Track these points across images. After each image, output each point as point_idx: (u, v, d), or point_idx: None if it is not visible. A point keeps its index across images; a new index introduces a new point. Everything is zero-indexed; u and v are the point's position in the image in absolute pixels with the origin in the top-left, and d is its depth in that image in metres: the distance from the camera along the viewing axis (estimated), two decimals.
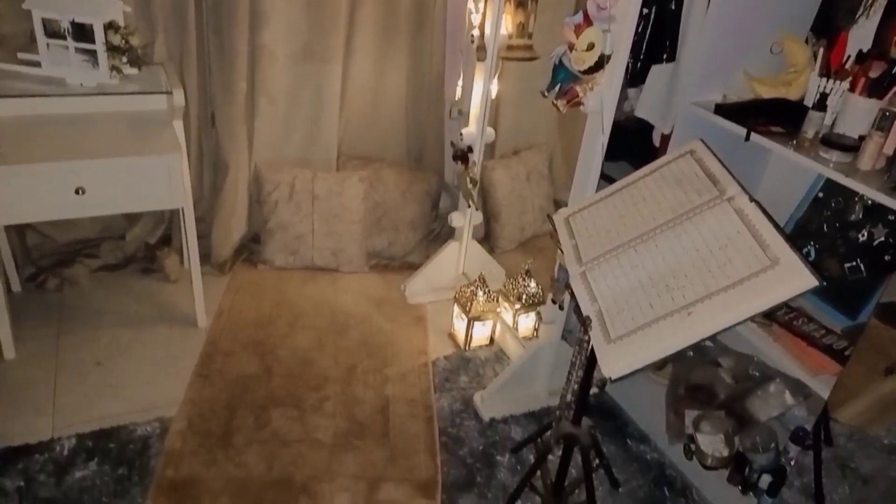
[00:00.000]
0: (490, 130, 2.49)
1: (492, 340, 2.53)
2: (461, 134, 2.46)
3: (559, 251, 1.95)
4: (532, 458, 2.04)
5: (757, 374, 2.04)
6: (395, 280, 2.84)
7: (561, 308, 2.07)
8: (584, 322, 1.39)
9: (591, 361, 1.55)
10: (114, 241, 2.71)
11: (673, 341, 1.25)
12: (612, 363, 1.28)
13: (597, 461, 1.91)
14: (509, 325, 2.50)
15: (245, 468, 1.92)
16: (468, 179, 2.50)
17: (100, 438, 1.96)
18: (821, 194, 1.93)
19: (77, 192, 2.01)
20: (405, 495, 1.89)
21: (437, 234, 3.15)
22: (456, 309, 2.52)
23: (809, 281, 1.15)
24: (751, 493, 1.84)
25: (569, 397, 1.70)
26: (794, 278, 1.18)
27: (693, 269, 1.33)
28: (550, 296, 2.12)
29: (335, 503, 1.84)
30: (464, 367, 2.41)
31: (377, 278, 2.89)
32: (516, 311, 2.49)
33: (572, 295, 1.49)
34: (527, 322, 2.53)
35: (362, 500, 1.86)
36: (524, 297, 2.47)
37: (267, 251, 2.82)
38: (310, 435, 2.06)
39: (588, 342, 1.46)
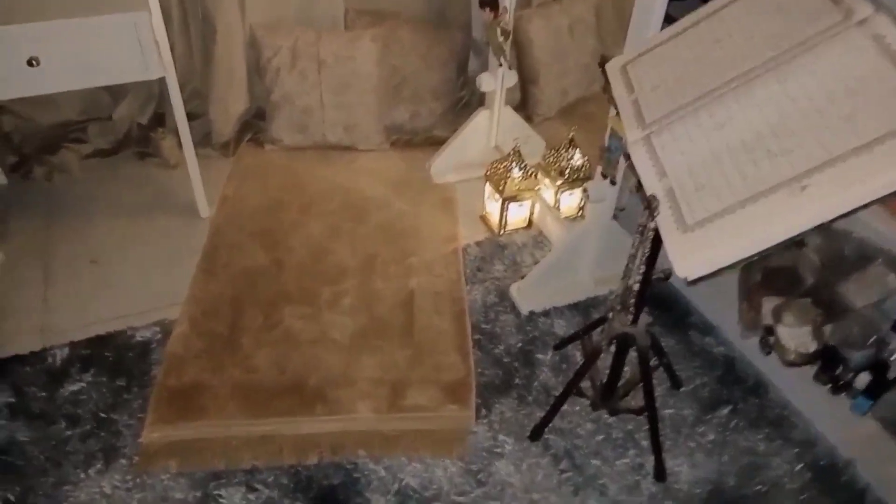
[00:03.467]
0: None
1: (530, 223, 2.21)
2: None
3: (612, 111, 1.57)
4: (578, 356, 1.79)
5: (853, 253, 1.69)
6: (419, 158, 2.51)
7: (613, 183, 1.72)
8: (649, 203, 1.05)
9: (654, 251, 1.23)
10: (101, 123, 2.42)
11: (777, 228, 0.91)
12: (689, 259, 0.95)
13: (655, 360, 1.64)
14: (550, 205, 2.17)
15: (254, 373, 1.72)
16: (498, 30, 2.07)
17: (95, 346, 1.77)
18: None
19: (30, 63, 1.69)
20: (433, 400, 1.67)
21: (466, 103, 2.75)
22: (488, 188, 2.19)
23: None
24: (843, 394, 1.56)
25: (627, 297, 1.39)
26: None
27: (806, 125, 0.96)
28: (599, 169, 1.76)
29: (355, 410, 1.64)
30: (498, 253, 2.12)
31: (398, 156, 2.55)
32: (558, 188, 2.14)
33: (631, 167, 1.14)
34: (570, 201, 2.20)
35: (385, 406, 1.65)
36: (567, 171, 2.12)
37: (273, 128, 2.50)
38: (325, 335, 1.83)
39: (652, 230, 1.12)
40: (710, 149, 1.03)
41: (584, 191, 1.78)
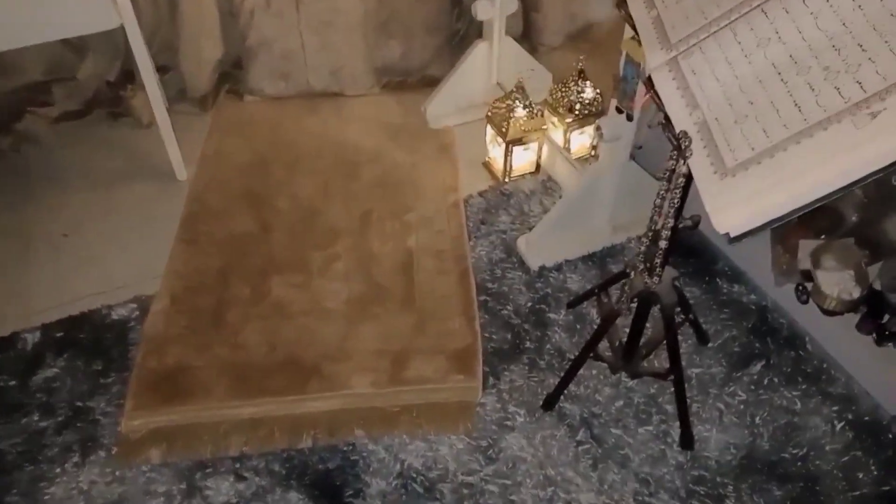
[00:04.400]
0: None
1: (538, 167, 2.02)
2: None
3: (627, 32, 1.37)
4: (595, 314, 1.63)
5: None
6: (414, 101, 2.30)
7: (629, 118, 1.52)
8: (678, 142, 0.86)
9: (682, 199, 1.04)
10: (67, 83, 2.22)
11: (842, 167, 0.72)
12: (732, 211, 0.77)
13: (680, 315, 1.47)
14: (559, 146, 1.97)
15: (243, 350, 1.58)
16: None
17: (69, 328, 1.63)
18: None
19: None
20: (438, 370, 1.52)
21: (463, 37, 2.51)
22: (489, 131, 1.99)
23: None
24: (890, 345, 1.39)
25: (652, 253, 1.22)
26: None
27: (876, 33, 0.76)
28: (614, 103, 1.56)
29: (353, 385, 1.50)
30: (503, 203, 1.93)
31: (391, 100, 2.35)
32: (568, 126, 1.94)
33: (654, 98, 0.95)
34: (582, 140, 2.00)
35: (386, 380, 1.51)
36: (578, 107, 1.91)
37: (252, 77, 2.29)
38: (319, 304, 1.68)
39: (683, 175, 0.94)
40: (753, 71, 0.83)
41: (598, 128, 1.58)
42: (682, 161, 0.85)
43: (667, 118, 0.88)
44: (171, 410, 1.47)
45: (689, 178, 0.89)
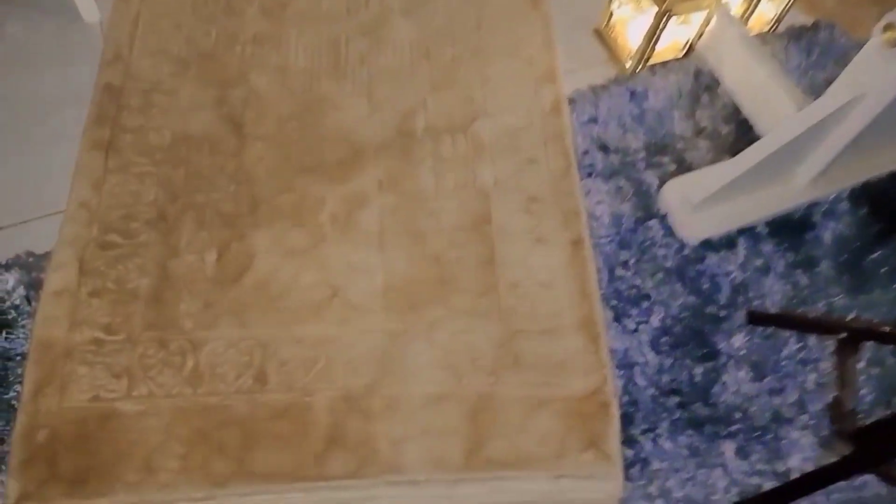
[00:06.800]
0: None
1: (689, 49, 1.23)
2: None
3: None
4: (799, 344, 0.99)
5: None
6: None
7: None
8: None
9: None
10: None
11: None
12: None
13: None
14: (735, 20, 1.17)
15: (210, 381, 0.92)
16: None
17: None
18: None
19: None
20: (548, 440, 0.90)
21: None
22: None
23: None
24: None
25: None
26: None
27: None
28: None
29: (402, 467, 0.88)
30: (633, 113, 1.18)
31: None
32: None
33: None
34: (768, 10, 1.20)
35: (461, 460, 0.89)
36: None
37: None
38: (336, 293, 0.99)
39: None
40: None
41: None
42: None
43: None
44: (88, 501, 0.84)
45: None
